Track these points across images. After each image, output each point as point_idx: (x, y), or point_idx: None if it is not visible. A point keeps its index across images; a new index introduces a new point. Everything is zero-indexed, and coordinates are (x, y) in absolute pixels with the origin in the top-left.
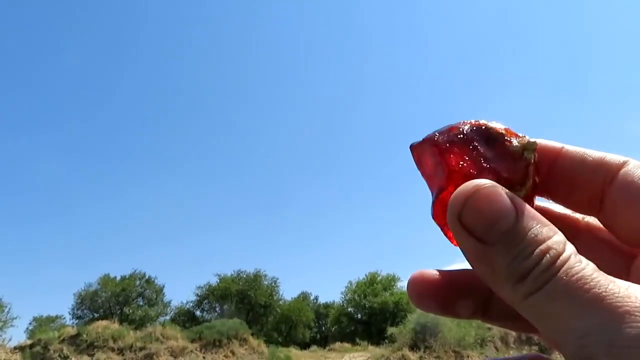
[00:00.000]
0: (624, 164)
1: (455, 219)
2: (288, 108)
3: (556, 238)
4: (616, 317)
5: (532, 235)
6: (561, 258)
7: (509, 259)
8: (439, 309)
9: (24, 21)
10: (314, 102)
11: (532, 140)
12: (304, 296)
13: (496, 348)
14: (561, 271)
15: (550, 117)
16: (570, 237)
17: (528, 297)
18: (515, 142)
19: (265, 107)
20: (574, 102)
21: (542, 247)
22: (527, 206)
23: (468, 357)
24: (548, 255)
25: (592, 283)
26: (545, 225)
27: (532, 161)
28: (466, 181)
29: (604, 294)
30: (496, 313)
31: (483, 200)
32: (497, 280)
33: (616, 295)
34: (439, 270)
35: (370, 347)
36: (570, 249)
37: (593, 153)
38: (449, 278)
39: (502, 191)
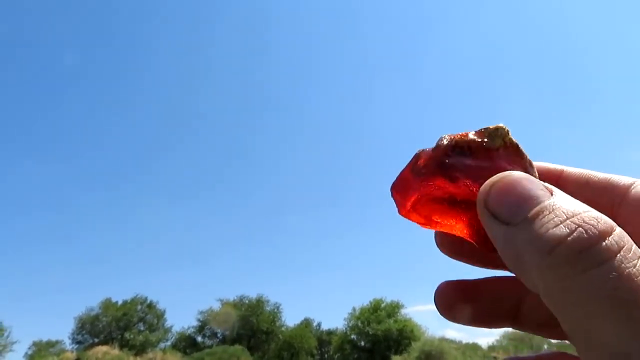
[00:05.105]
0: (632, 183)
1: (482, 205)
2: (288, 133)
3: (599, 215)
4: None
5: (564, 209)
6: (610, 240)
7: (533, 233)
8: (468, 320)
9: (23, 25)
10: (316, 128)
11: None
12: (306, 322)
13: None
14: (609, 259)
15: (547, 144)
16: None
17: (559, 281)
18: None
19: (266, 133)
20: (573, 128)
21: (578, 219)
22: (558, 190)
23: None
24: (589, 230)
25: None
26: (583, 205)
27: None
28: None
29: None
30: (527, 319)
31: (507, 185)
32: (521, 263)
33: None
34: (464, 280)
35: None
36: (623, 233)
37: (598, 174)
38: (476, 287)
39: (527, 176)
